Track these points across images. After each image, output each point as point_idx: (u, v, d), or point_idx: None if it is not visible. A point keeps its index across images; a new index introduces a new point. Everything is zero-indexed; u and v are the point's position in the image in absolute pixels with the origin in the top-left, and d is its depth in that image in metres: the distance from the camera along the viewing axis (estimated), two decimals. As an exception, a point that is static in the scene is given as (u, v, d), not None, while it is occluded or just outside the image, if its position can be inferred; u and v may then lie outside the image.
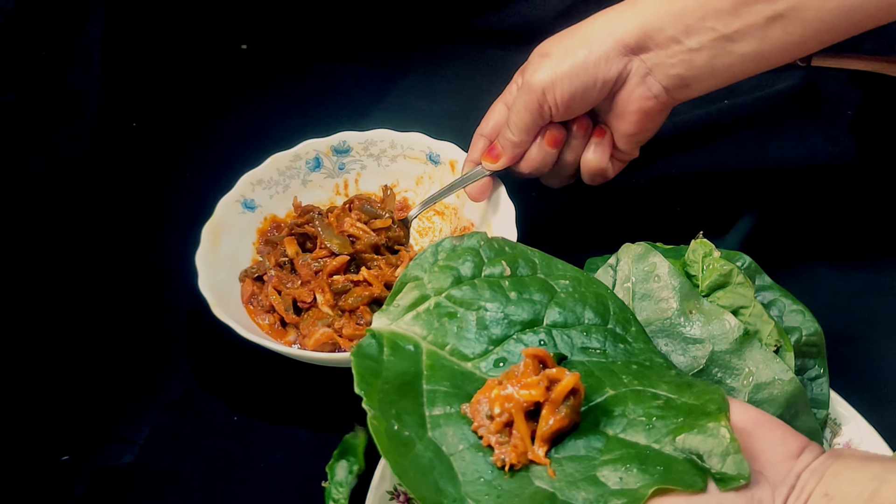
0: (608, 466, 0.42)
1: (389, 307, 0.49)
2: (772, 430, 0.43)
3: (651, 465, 0.41)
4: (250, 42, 1.04)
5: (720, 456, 0.40)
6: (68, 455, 0.65)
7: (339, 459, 0.63)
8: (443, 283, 0.50)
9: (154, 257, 0.80)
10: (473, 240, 0.51)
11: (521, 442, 0.43)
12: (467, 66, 1.01)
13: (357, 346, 0.46)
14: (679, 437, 0.41)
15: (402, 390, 0.45)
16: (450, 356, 0.48)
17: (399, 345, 0.47)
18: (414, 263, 0.50)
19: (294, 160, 0.79)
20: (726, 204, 0.81)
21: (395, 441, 0.42)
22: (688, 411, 0.43)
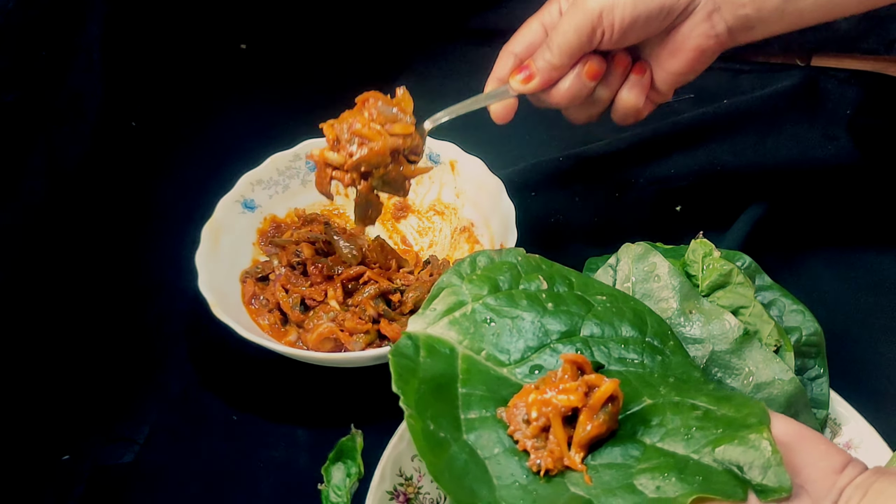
0: (646, 475, 0.41)
1: (426, 311, 0.49)
2: (815, 445, 0.42)
3: (690, 474, 0.40)
4: (250, 42, 1.04)
5: (761, 468, 0.40)
6: (68, 455, 0.66)
7: (335, 462, 0.63)
8: (480, 290, 0.50)
9: (154, 257, 0.80)
10: (511, 255, 0.52)
11: (558, 447, 0.43)
12: (466, 65, 1.00)
13: (394, 347, 0.46)
14: (719, 449, 0.41)
15: (438, 392, 0.45)
16: (485, 361, 0.48)
17: (435, 348, 0.47)
18: (451, 271, 0.51)
19: (294, 160, 0.79)
20: (726, 204, 0.81)
21: (430, 441, 0.42)
22: (728, 423, 0.42)
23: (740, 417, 0.42)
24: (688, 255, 0.57)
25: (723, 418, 0.43)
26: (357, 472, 0.62)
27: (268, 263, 0.75)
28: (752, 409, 0.43)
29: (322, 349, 0.68)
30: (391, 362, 0.45)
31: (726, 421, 0.42)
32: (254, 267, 0.74)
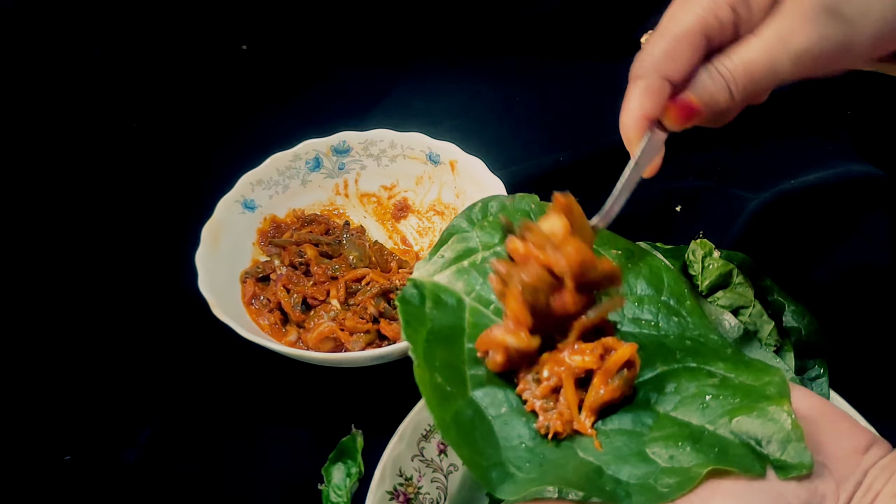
0: (658, 443, 0.40)
1: (433, 258, 0.47)
2: (838, 421, 0.40)
3: (705, 445, 0.39)
4: (250, 42, 1.04)
5: (780, 442, 0.38)
6: (69, 455, 0.66)
7: (336, 462, 0.63)
8: (492, 237, 0.47)
9: (154, 257, 0.80)
10: (525, 201, 0.49)
11: (568, 410, 0.41)
12: (467, 65, 1.01)
13: (400, 294, 0.44)
14: (735, 420, 0.39)
15: (445, 344, 0.43)
16: (493, 315, 0.45)
17: (441, 298, 0.45)
18: (462, 215, 0.48)
19: (294, 160, 0.79)
20: (726, 204, 0.81)
21: (437, 393, 0.40)
22: (745, 392, 0.40)
23: (759, 386, 0.40)
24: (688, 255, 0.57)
25: (740, 386, 0.41)
26: (357, 472, 0.62)
27: (268, 263, 0.75)
28: (771, 377, 0.41)
29: (322, 349, 0.68)
30: (399, 309, 0.43)
31: (744, 390, 0.41)
32: (254, 267, 0.74)
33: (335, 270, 0.73)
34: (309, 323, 0.70)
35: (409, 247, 0.80)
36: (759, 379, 0.41)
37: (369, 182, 0.81)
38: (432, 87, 0.98)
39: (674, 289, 0.47)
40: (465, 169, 0.78)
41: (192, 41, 1.01)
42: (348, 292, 0.72)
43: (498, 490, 0.39)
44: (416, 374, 0.40)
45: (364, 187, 0.81)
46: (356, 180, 0.81)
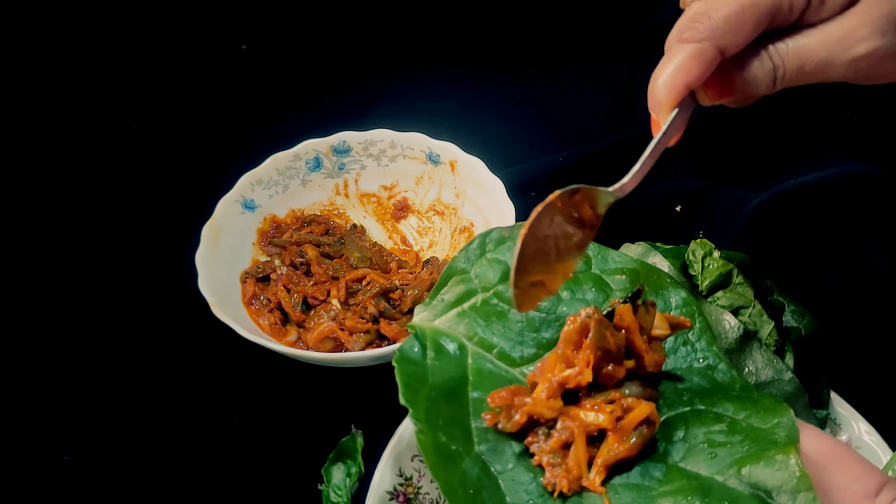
0: (668, 498, 0.39)
1: (433, 302, 0.45)
2: (848, 464, 0.39)
3: (715, 499, 0.38)
4: (250, 42, 1.04)
5: (790, 493, 0.37)
6: (68, 455, 0.66)
7: (335, 462, 0.63)
8: (491, 277, 0.46)
9: (154, 257, 0.80)
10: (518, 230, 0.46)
11: (577, 467, 0.40)
12: (466, 65, 1.01)
13: (399, 352, 0.43)
14: (744, 469, 0.39)
15: (449, 398, 0.42)
16: (497, 360, 0.44)
17: (442, 346, 0.44)
18: (461, 254, 0.46)
19: (294, 160, 0.79)
20: (726, 204, 0.81)
21: (442, 456, 0.39)
22: (754, 437, 0.40)
23: (767, 430, 0.40)
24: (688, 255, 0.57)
25: (749, 431, 0.40)
26: (357, 472, 0.62)
27: (268, 263, 0.75)
28: (780, 417, 0.40)
29: (322, 348, 0.68)
30: (397, 371, 0.42)
31: (752, 435, 0.40)
32: (254, 267, 0.74)
33: (336, 270, 0.73)
34: (309, 323, 0.70)
35: (409, 247, 0.80)
36: (768, 420, 0.40)
37: (369, 182, 0.81)
38: (432, 87, 0.98)
39: (682, 311, 0.46)
40: (465, 169, 0.78)
41: (192, 41, 1.01)
42: (348, 292, 0.72)
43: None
44: (418, 441, 0.39)
45: (364, 187, 0.81)
46: (356, 180, 0.81)
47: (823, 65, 0.43)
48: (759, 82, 0.44)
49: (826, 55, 0.43)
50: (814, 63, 0.43)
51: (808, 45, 0.43)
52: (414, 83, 0.99)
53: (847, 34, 0.42)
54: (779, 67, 0.43)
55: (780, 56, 0.43)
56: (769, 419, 0.40)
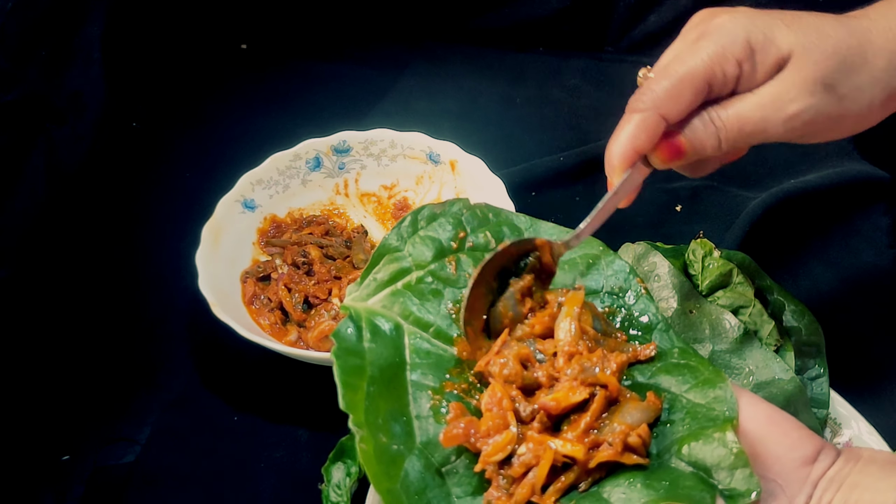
0: (610, 482, 0.39)
1: (365, 281, 0.44)
2: (785, 432, 0.40)
3: (656, 479, 0.38)
4: (250, 42, 1.04)
5: (728, 469, 0.38)
6: (68, 455, 0.66)
7: (335, 462, 0.63)
8: (424, 255, 0.45)
9: (154, 257, 0.80)
10: (456, 207, 0.47)
11: (526, 490, 0.38)
12: (467, 65, 1.01)
13: (335, 334, 0.41)
14: (685, 448, 0.39)
15: (388, 386, 0.41)
16: (434, 339, 0.43)
17: (378, 327, 0.42)
18: (393, 232, 0.45)
19: (294, 160, 0.79)
20: (726, 204, 0.81)
21: (384, 462, 0.38)
22: (693, 414, 0.40)
23: (706, 405, 0.40)
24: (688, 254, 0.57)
25: (689, 407, 0.40)
26: (357, 472, 0.62)
27: (269, 263, 0.75)
28: (717, 390, 0.40)
29: (322, 347, 0.68)
30: (337, 367, 0.40)
31: (692, 412, 0.40)
32: (255, 267, 0.74)
33: (339, 270, 0.73)
34: (310, 322, 0.70)
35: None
36: (707, 394, 0.40)
37: (369, 182, 0.81)
38: (432, 87, 0.98)
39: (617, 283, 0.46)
40: (465, 169, 0.78)
41: (193, 41, 1.01)
42: (349, 291, 0.72)
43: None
44: (361, 451, 0.38)
45: (364, 187, 0.81)
46: (356, 180, 0.81)
47: (762, 125, 0.46)
48: (704, 145, 0.47)
49: (762, 116, 0.46)
50: (752, 124, 0.46)
51: (745, 109, 0.46)
52: (414, 83, 0.99)
53: (778, 96, 0.46)
54: (721, 131, 0.47)
55: (721, 120, 0.46)
56: (708, 392, 0.41)
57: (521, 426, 0.40)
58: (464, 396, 0.42)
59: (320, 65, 1.01)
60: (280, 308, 0.72)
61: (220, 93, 0.98)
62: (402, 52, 1.02)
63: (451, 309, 0.44)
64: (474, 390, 0.43)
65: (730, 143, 0.47)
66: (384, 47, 1.03)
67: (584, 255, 0.47)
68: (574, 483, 0.39)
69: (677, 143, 0.47)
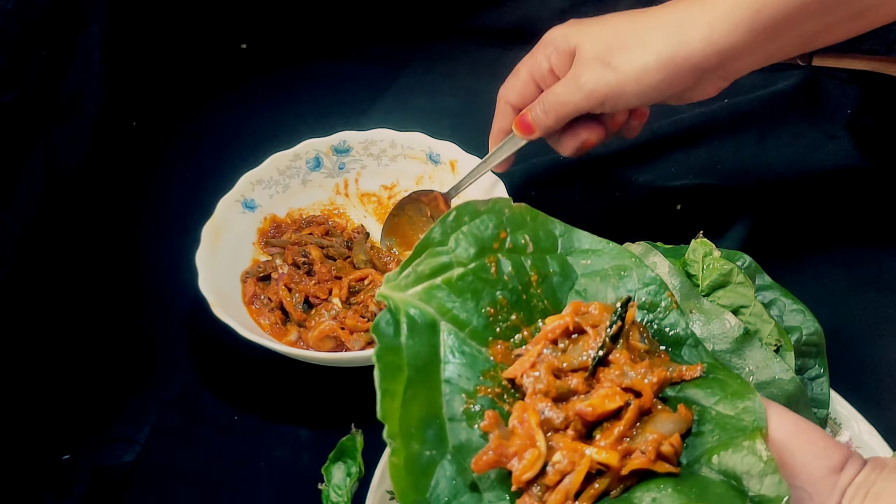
0: (641, 488, 0.39)
1: (404, 272, 0.43)
2: (812, 441, 0.41)
3: (686, 486, 0.38)
4: (250, 41, 1.04)
5: (758, 476, 0.38)
6: (68, 455, 0.65)
7: (336, 462, 0.63)
8: (467, 252, 0.44)
9: (154, 257, 0.80)
10: (499, 205, 0.46)
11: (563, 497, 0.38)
12: (467, 64, 1.01)
13: (375, 328, 0.41)
14: (714, 458, 0.39)
15: (423, 389, 0.40)
16: (470, 339, 0.43)
17: (416, 321, 0.42)
18: (437, 226, 0.45)
19: (294, 160, 0.79)
20: (726, 204, 0.81)
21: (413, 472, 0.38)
22: (723, 426, 0.40)
23: (735, 416, 0.40)
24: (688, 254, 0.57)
25: (717, 419, 0.41)
26: (357, 472, 0.62)
27: (269, 263, 0.75)
28: (746, 402, 0.40)
29: (323, 348, 0.68)
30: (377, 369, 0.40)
31: (721, 423, 0.40)
32: (255, 266, 0.74)
33: (339, 270, 0.73)
34: (310, 322, 0.70)
35: (409, 246, 0.80)
36: (735, 406, 0.41)
37: (369, 181, 0.81)
38: (432, 87, 0.98)
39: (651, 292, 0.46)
40: (465, 168, 0.78)
41: (193, 40, 1.01)
42: (350, 291, 0.72)
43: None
44: (392, 465, 0.37)
45: (364, 187, 0.81)
46: (356, 180, 0.81)
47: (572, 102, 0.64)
48: (542, 121, 0.67)
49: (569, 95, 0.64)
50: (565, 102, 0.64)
51: (558, 91, 0.65)
52: (414, 83, 0.99)
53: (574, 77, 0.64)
54: (549, 109, 0.66)
55: (548, 102, 0.66)
56: (737, 403, 0.41)
57: (555, 434, 0.40)
58: (497, 401, 0.42)
59: (320, 65, 1.01)
60: (280, 308, 0.72)
61: (220, 93, 0.98)
62: (401, 51, 1.02)
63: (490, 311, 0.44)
64: (508, 394, 0.42)
65: (558, 119, 0.65)
66: (384, 47, 1.03)
67: (616, 266, 0.47)
68: (606, 490, 0.39)
69: (526, 121, 0.68)
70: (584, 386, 0.41)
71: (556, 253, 0.47)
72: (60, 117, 0.78)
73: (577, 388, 0.41)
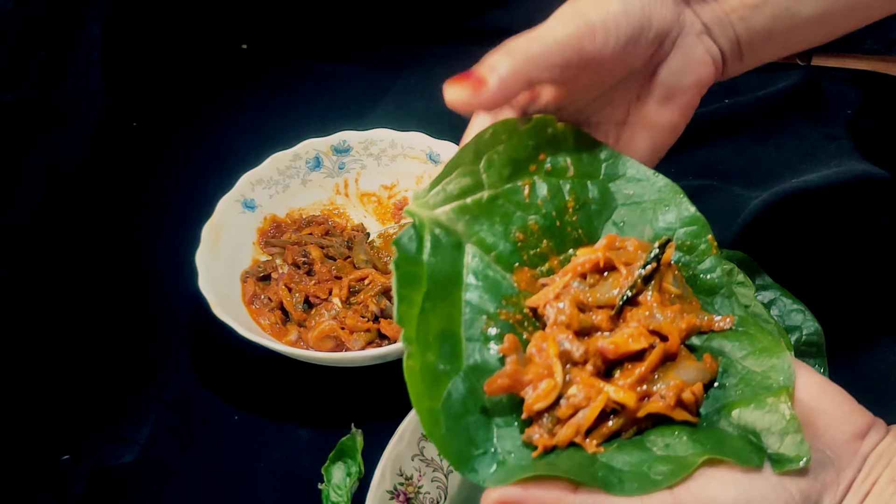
0: (655, 432, 0.38)
1: (434, 190, 0.41)
2: (838, 404, 0.39)
3: (702, 435, 0.38)
4: (250, 42, 1.04)
5: (778, 434, 0.37)
6: (68, 455, 0.65)
7: (336, 461, 0.63)
8: (500, 173, 0.43)
9: (154, 257, 0.80)
10: (542, 123, 0.44)
11: (571, 430, 0.38)
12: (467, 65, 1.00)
13: (396, 241, 0.39)
14: (735, 412, 0.38)
15: (443, 305, 0.39)
16: (495, 263, 0.41)
17: (440, 241, 0.40)
18: (472, 144, 0.42)
19: (294, 160, 0.79)
20: (727, 204, 0.81)
21: (427, 380, 0.37)
22: (748, 381, 0.39)
23: (762, 373, 0.39)
24: (688, 254, 0.57)
25: (743, 373, 0.39)
26: (357, 472, 0.62)
27: (269, 263, 0.75)
28: (776, 360, 0.39)
29: (322, 347, 0.68)
30: (395, 276, 0.38)
31: (746, 378, 0.39)
32: (255, 266, 0.74)
33: (339, 270, 0.73)
34: (310, 322, 0.70)
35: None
36: (763, 363, 0.39)
37: (369, 181, 0.81)
38: (432, 87, 0.97)
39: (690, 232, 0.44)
40: (465, 169, 0.78)
41: (193, 40, 1.01)
42: (350, 291, 0.72)
43: (488, 479, 0.37)
44: (407, 367, 0.37)
45: (364, 187, 0.81)
46: (356, 180, 0.81)
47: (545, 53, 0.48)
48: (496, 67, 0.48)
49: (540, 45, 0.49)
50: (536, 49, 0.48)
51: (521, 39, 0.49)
52: (414, 83, 0.99)
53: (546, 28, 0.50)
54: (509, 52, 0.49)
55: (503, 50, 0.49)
56: (765, 361, 0.39)
57: (573, 368, 0.39)
58: (517, 328, 0.41)
59: (320, 65, 1.01)
60: (280, 308, 0.72)
61: (220, 93, 0.98)
62: (401, 52, 1.02)
63: (519, 237, 0.43)
64: (528, 323, 0.41)
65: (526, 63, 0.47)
66: (384, 47, 1.03)
67: (658, 199, 0.45)
68: (619, 430, 0.39)
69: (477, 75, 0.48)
70: (608, 323, 0.40)
71: (599, 178, 0.45)
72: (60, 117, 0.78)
73: (600, 325, 0.40)
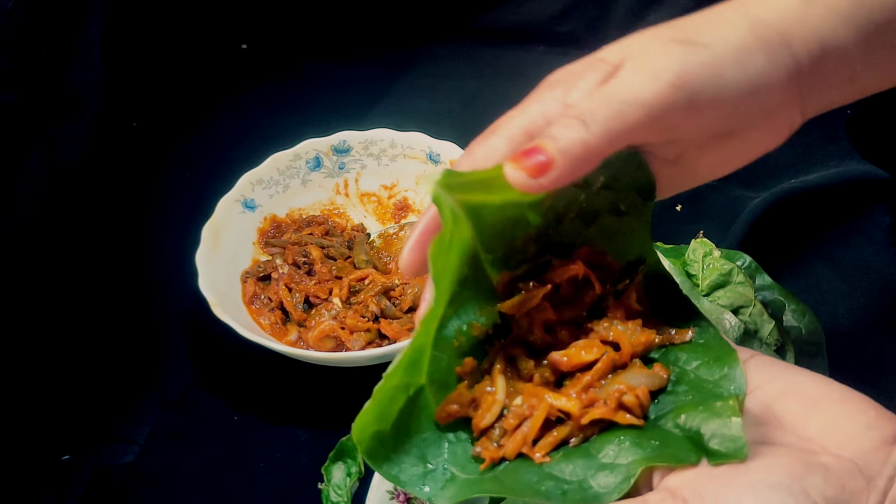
0: (601, 438, 0.38)
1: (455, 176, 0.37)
2: (863, 411, 0.37)
3: (646, 439, 0.37)
4: (250, 42, 1.04)
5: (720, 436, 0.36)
6: (68, 455, 0.66)
7: (336, 461, 0.63)
8: None
9: (154, 257, 0.80)
10: None
11: (518, 442, 0.38)
12: (466, 65, 1.01)
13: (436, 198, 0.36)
14: (682, 416, 0.38)
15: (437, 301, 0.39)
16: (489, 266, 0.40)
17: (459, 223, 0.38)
18: None
19: (294, 160, 0.79)
20: (727, 204, 0.81)
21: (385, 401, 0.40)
22: (699, 388, 0.39)
23: (714, 381, 0.39)
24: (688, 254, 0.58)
25: (695, 382, 0.39)
26: (357, 472, 0.62)
27: (269, 263, 0.75)
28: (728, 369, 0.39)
29: (322, 347, 0.68)
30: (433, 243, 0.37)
31: (697, 386, 0.39)
32: (255, 266, 0.74)
33: (339, 270, 0.73)
34: (310, 322, 0.70)
35: (409, 246, 0.80)
36: (715, 372, 0.39)
37: (369, 181, 0.81)
38: (432, 87, 0.98)
39: None
40: (465, 169, 0.78)
41: (193, 41, 1.01)
42: (350, 291, 0.72)
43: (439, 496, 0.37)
44: None
45: (364, 187, 0.81)
46: (356, 180, 0.81)
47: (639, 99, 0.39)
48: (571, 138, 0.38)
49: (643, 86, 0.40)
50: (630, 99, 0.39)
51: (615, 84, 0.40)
52: (414, 83, 0.99)
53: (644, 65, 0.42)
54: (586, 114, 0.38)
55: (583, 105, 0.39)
56: (717, 370, 0.39)
57: (520, 383, 0.39)
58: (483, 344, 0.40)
59: (320, 65, 1.01)
60: (280, 308, 0.72)
61: (220, 93, 0.98)
62: (401, 51, 1.02)
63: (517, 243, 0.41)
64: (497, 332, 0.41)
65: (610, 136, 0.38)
66: (384, 47, 1.03)
67: None
68: (566, 438, 0.39)
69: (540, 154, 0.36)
70: (569, 338, 0.40)
71: None
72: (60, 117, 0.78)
73: (562, 339, 0.40)
